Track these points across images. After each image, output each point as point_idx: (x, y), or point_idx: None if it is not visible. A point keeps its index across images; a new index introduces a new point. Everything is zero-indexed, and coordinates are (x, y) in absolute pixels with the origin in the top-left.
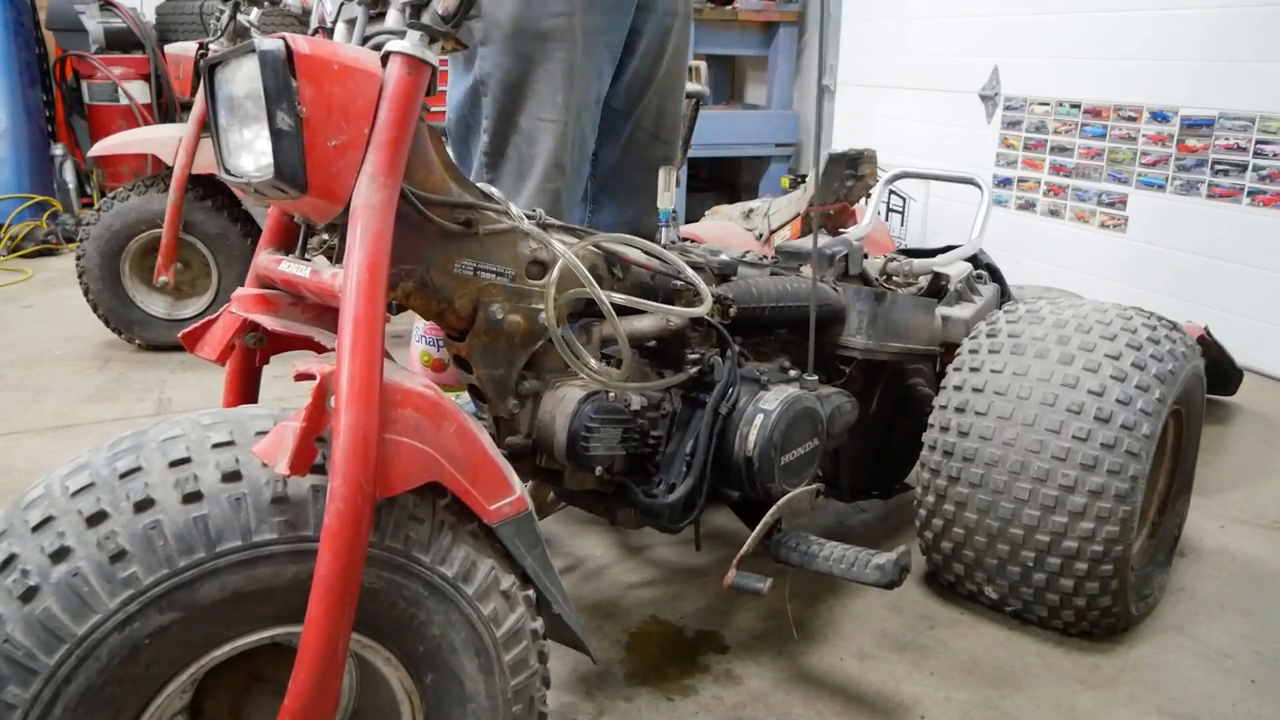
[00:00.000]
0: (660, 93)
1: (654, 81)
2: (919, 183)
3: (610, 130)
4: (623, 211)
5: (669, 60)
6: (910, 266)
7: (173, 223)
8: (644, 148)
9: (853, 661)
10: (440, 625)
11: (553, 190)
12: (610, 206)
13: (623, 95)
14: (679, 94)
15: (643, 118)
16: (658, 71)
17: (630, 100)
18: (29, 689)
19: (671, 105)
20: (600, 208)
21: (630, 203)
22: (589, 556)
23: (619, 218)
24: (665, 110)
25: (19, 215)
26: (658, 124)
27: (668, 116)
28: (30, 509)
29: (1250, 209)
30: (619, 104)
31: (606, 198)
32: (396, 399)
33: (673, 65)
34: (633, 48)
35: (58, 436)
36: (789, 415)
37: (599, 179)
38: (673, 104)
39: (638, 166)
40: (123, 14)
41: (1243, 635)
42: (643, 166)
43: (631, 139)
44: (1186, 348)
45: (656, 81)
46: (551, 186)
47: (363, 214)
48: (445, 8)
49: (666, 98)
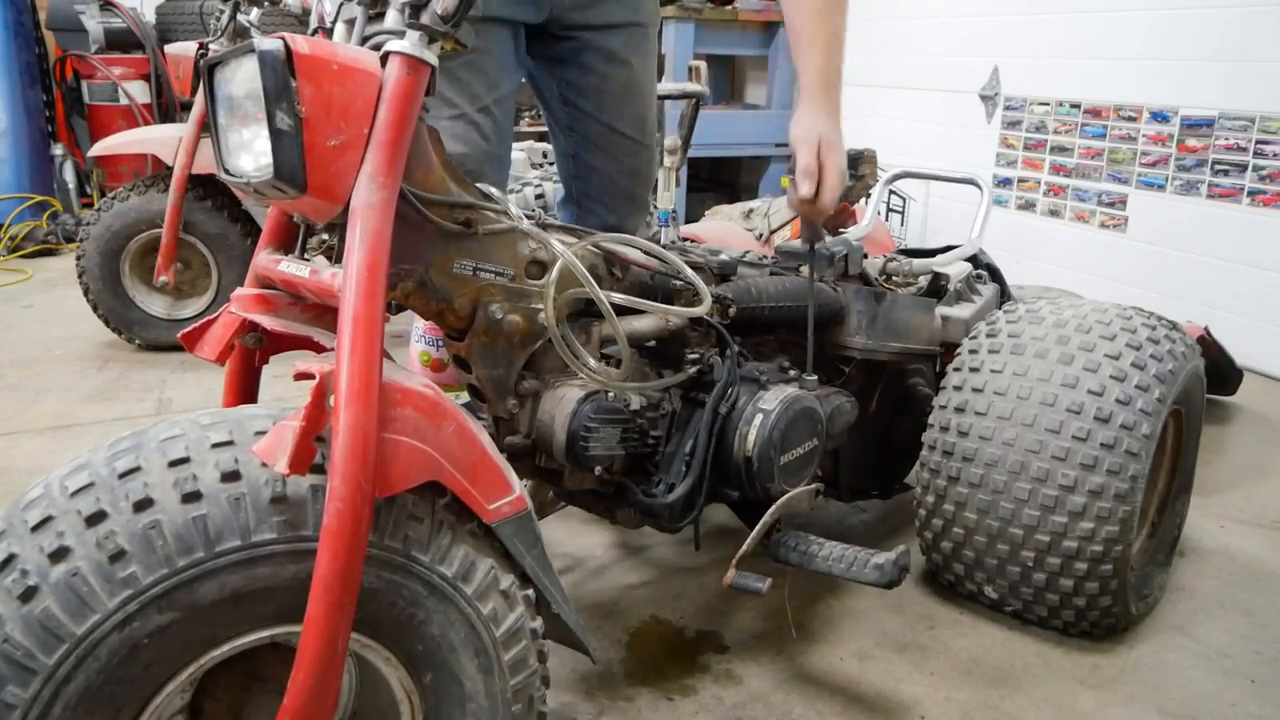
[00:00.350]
0: (637, 97)
1: (629, 87)
2: (919, 183)
3: (593, 136)
4: (608, 215)
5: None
6: (910, 266)
7: (173, 223)
8: (627, 153)
9: (853, 661)
10: (439, 625)
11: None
12: (596, 210)
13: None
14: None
15: (620, 123)
16: (632, 77)
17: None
18: (28, 689)
19: (650, 109)
20: (586, 212)
21: (615, 207)
22: (589, 556)
23: (604, 221)
24: (645, 115)
25: (19, 215)
26: (637, 129)
27: (648, 121)
28: (30, 509)
29: (1250, 209)
30: (596, 110)
31: (591, 202)
32: (396, 398)
33: (645, 70)
34: (608, 55)
35: (58, 436)
36: (788, 415)
37: (583, 184)
38: (651, 108)
39: (621, 170)
40: (123, 14)
41: (1243, 635)
42: (625, 171)
43: (613, 144)
44: (1186, 348)
45: (631, 87)
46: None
47: (362, 214)
48: (445, 8)
49: (644, 102)
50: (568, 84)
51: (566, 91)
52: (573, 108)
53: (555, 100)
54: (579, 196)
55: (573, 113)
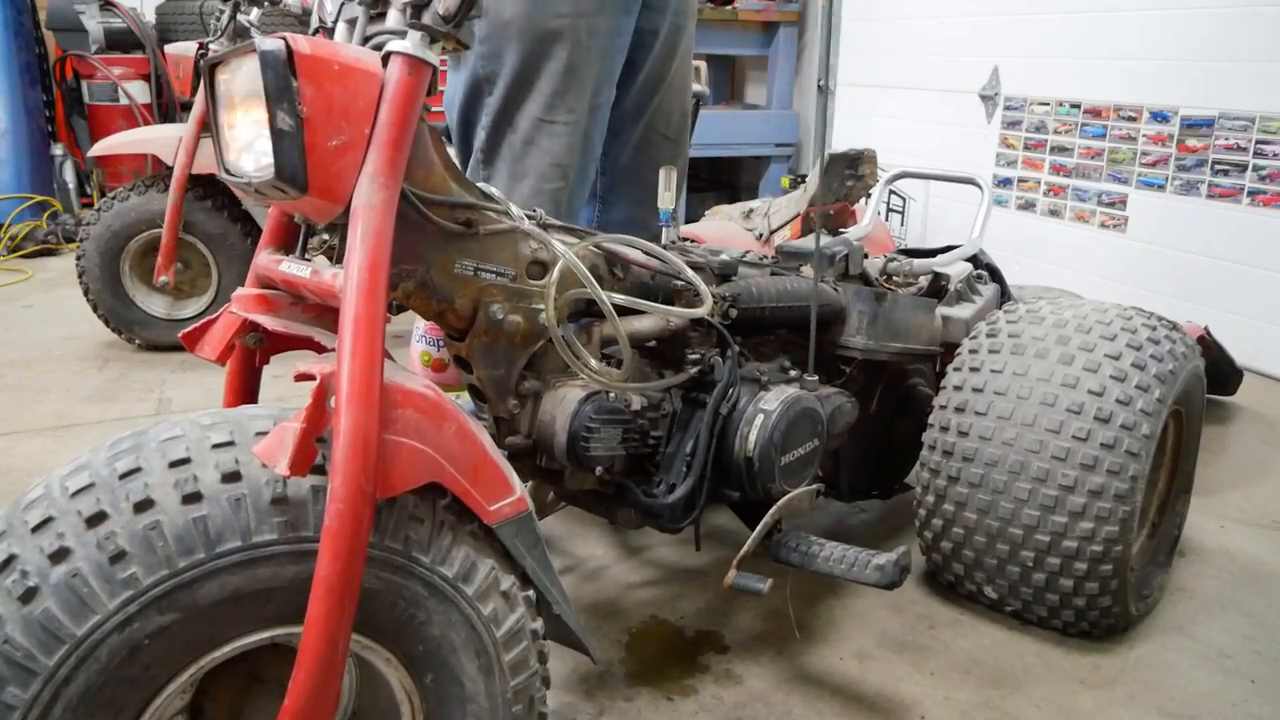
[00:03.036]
0: (671, 92)
1: (665, 81)
2: (919, 183)
3: (622, 130)
4: (633, 210)
5: (679, 60)
6: (910, 266)
7: (173, 223)
8: (655, 147)
9: (853, 661)
10: (440, 625)
11: (551, 191)
12: (620, 205)
13: (635, 95)
14: (688, 93)
15: (654, 118)
16: (669, 71)
17: (642, 100)
18: (28, 690)
19: (681, 104)
20: (610, 206)
21: (640, 201)
22: (589, 556)
23: (629, 216)
24: (675, 109)
25: (19, 215)
26: (669, 123)
27: (677, 115)
28: (30, 509)
29: (1250, 209)
30: (630, 104)
31: (616, 196)
32: (397, 399)
33: (682, 65)
34: (647, 47)
35: (58, 436)
36: (789, 415)
37: (609, 178)
38: (682, 103)
39: (649, 166)
40: (123, 14)
41: (1243, 635)
42: (654, 166)
43: (643, 138)
44: (1186, 348)
45: (667, 81)
46: (550, 187)
47: (363, 214)
48: (446, 8)
49: (677, 97)
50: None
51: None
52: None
53: None
54: (604, 192)
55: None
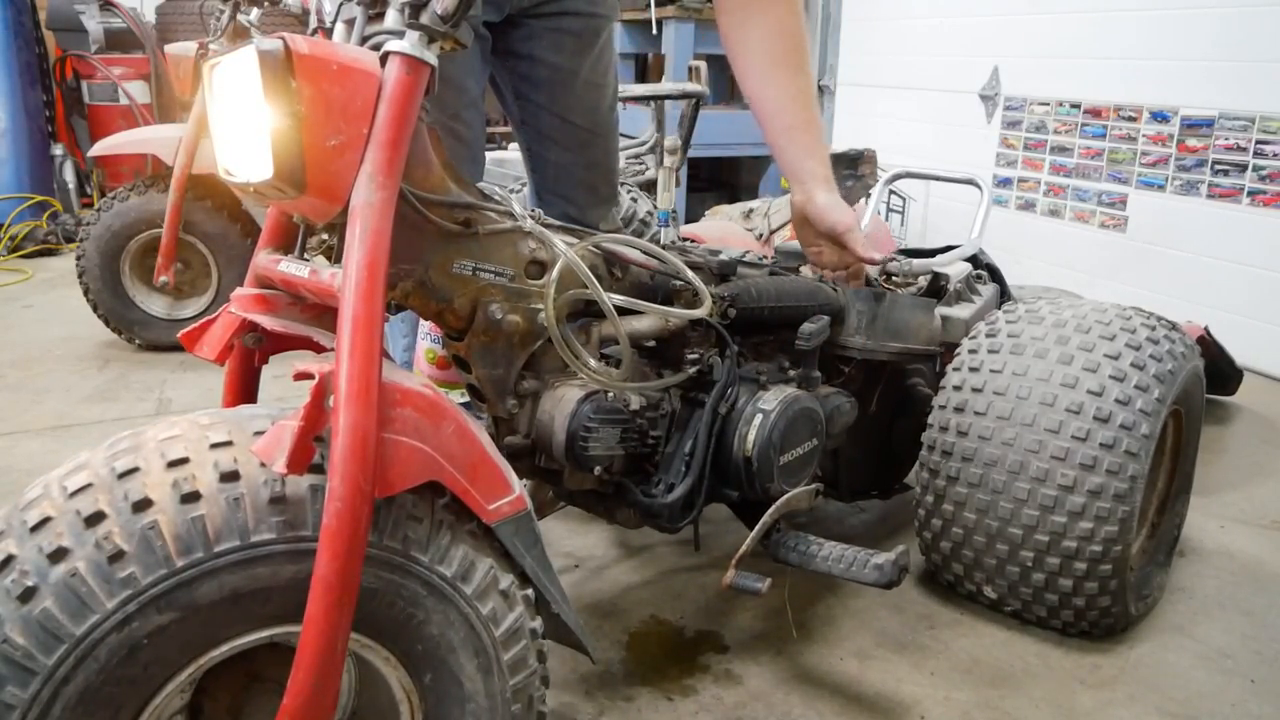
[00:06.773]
0: (589, 89)
1: (579, 77)
2: (919, 183)
3: (545, 128)
4: (568, 207)
5: (594, 57)
6: (910, 266)
7: (173, 223)
8: (583, 145)
9: (853, 661)
10: (439, 625)
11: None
12: (556, 203)
13: (553, 93)
14: (608, 89)
15: (572, 114)
16: (583, 68)
17: (560, 97)
18: (27, 689)
19: (603, 100)
20: (549, 206)
21: (574, 199)
22: (589, 556)
23: (564, 213)
24: (598, 106)
25: (19, 215)
26: (589, 119)
27: (600, 112)
28: (29, 509)
29: (1250, 209)
30: (548, 102)
31: (551, 195)
32: (395, 398)
33: (599, 62)
34: (559, 46)
35: (58, 436)
36: (788, 415)
37: (542, 178)
38: (605, 98)
39: (579, 163)
40: (123, 14)
41: (1243, 635)
42: (583, 163)
43: (568, 136)
44: (1186, 348)
45: (582, 77)
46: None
47: (361, 214)
48: (444, 7)
49: (597, 94)
50: (520, 77)
51: (519, 85)
52: (525, 100)
53: (510, 95)
54: (538, 190)
55: (525, 106)
